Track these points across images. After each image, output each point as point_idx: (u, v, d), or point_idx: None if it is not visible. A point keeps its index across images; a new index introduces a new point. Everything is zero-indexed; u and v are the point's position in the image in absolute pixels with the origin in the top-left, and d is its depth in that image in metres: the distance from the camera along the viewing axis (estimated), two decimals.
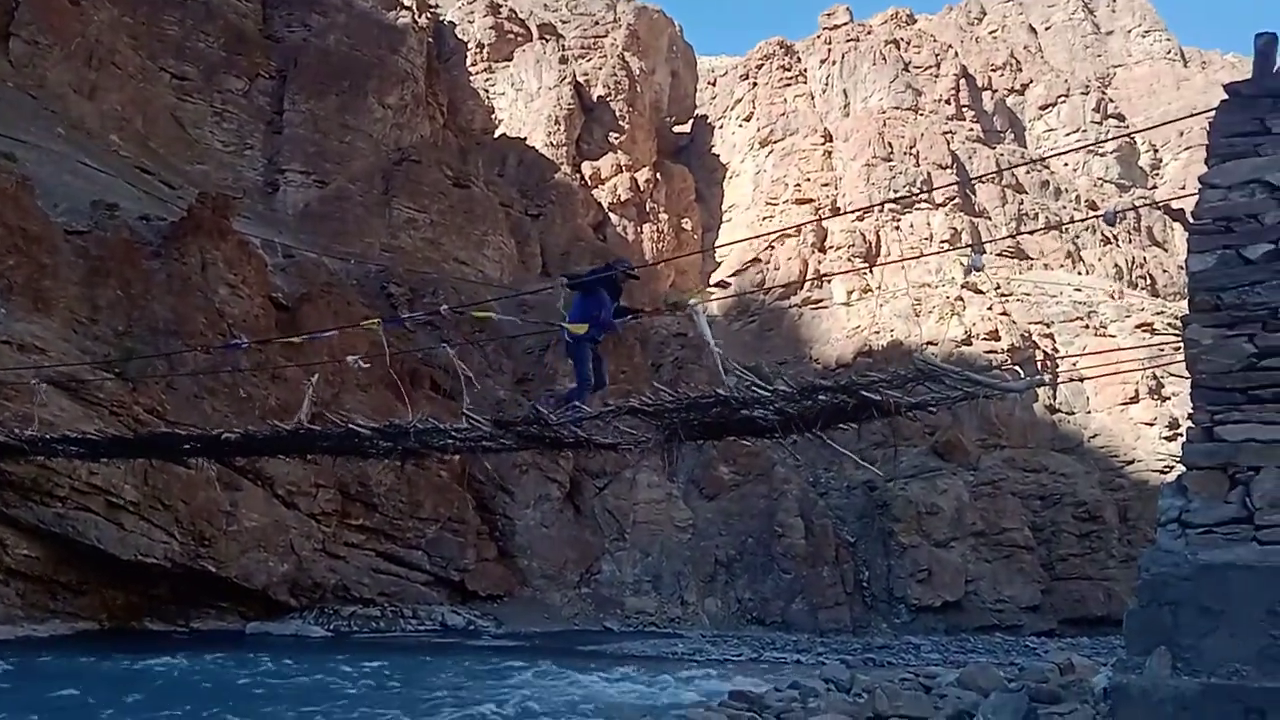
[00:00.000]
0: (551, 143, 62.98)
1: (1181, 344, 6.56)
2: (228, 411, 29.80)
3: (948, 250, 51.20)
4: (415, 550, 36.21)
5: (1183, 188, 55.09)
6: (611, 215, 63.11)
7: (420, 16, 62.68)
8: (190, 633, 29.43)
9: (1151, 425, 44.40)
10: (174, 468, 27.76)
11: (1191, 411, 6.38)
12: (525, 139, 63.28)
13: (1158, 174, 69.30)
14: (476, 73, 67.88)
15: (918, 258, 48.79)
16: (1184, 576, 5.97)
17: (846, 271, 51.13)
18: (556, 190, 60.52)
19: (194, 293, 33.15)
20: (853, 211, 53.17)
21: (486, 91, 67.46)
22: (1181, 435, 6.52)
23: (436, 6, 69.32)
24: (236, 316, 33.86)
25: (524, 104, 66.17)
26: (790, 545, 39.82)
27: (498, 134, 65.15)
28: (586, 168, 64.07)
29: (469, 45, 68.58)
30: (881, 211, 56.59)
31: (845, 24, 70.35)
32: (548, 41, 68.88)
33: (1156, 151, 69.93)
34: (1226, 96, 6.67)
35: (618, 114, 66.58)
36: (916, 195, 55.85)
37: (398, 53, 56.40)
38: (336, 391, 33.63)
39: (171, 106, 49.71)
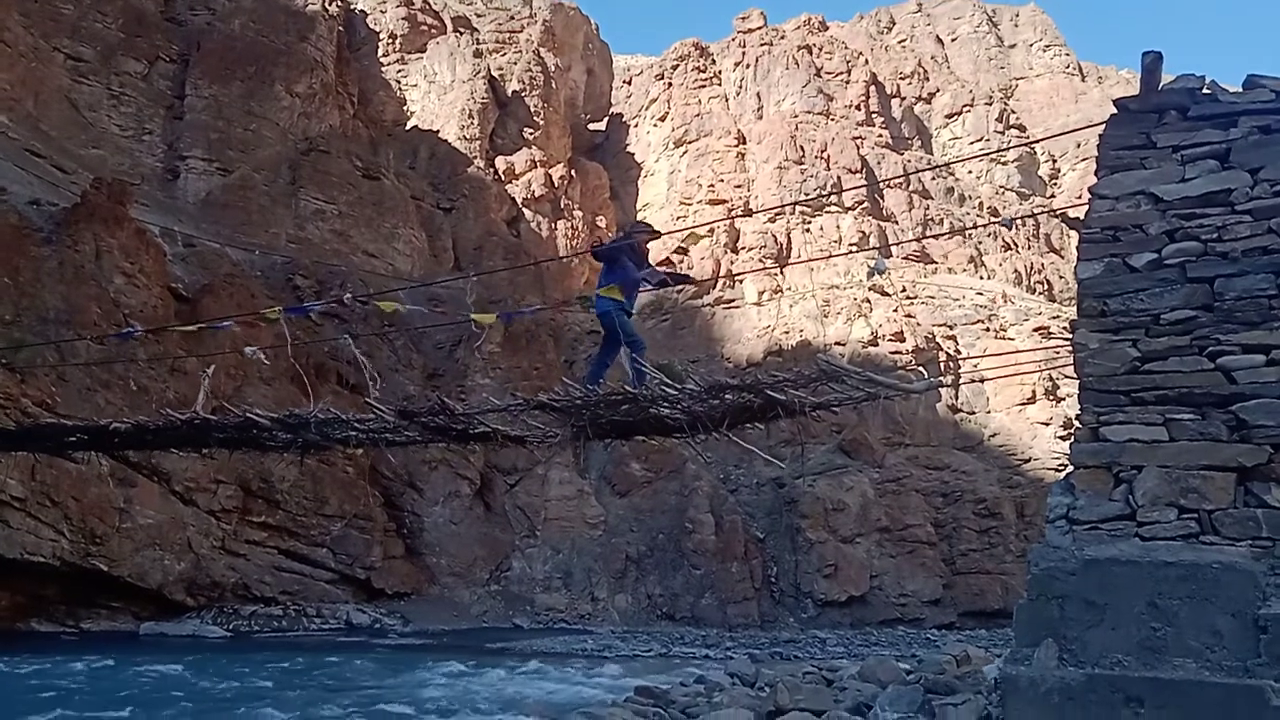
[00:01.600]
0: (465, 136, 62.25)
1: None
2: (122, 404, 28.73)
3: (856, 252, 52.25)
4: (319, 548, 35.49)
5: (1079, 197, 57.01)
6: (525, 211, 62.70)
7: (330, 4, 61.26)
8: (80, 634, 28.34)
9: (1047, 425, 45.99)
10: (64, 463, 26.77)
11: (1079, 412, 6.63)
12: (438, 132, 62.44)
13: (1056, 183, 71.82)
14: (388, 64, 66.68)
15: (826, 259, 49.66)
16: (1070, 571, 6.20)
17: (758, 271, 51.75)
18: (469, 184, 59.87)
19: (87, 281, 31.88)
20: (764, 212, 53.84)
21: (398, 83, 66.32)
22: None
23: None
24: (133, 306, 32.67)
25: (437, 97, 65.27)
26: (700, 541, 40.18)
27: (409, 126, 64.13)
28: (500, 163, 63.51)
29: (381, 35, 67.31)
30: (792, 213, 57.42)
31: (759, 28, 71.13)
32: (462, 34, 68.07)
33: (1055, 161, 72.48)
34: (1115, 111, 6.94)
35: (532, 109, 66.18)
36: (827, 198, 56.82)
37: (307, 40, 55.08)
38: (239, 385, 32.73)
39: (66, 88, 47.70)
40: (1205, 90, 6.73)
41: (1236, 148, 6.46)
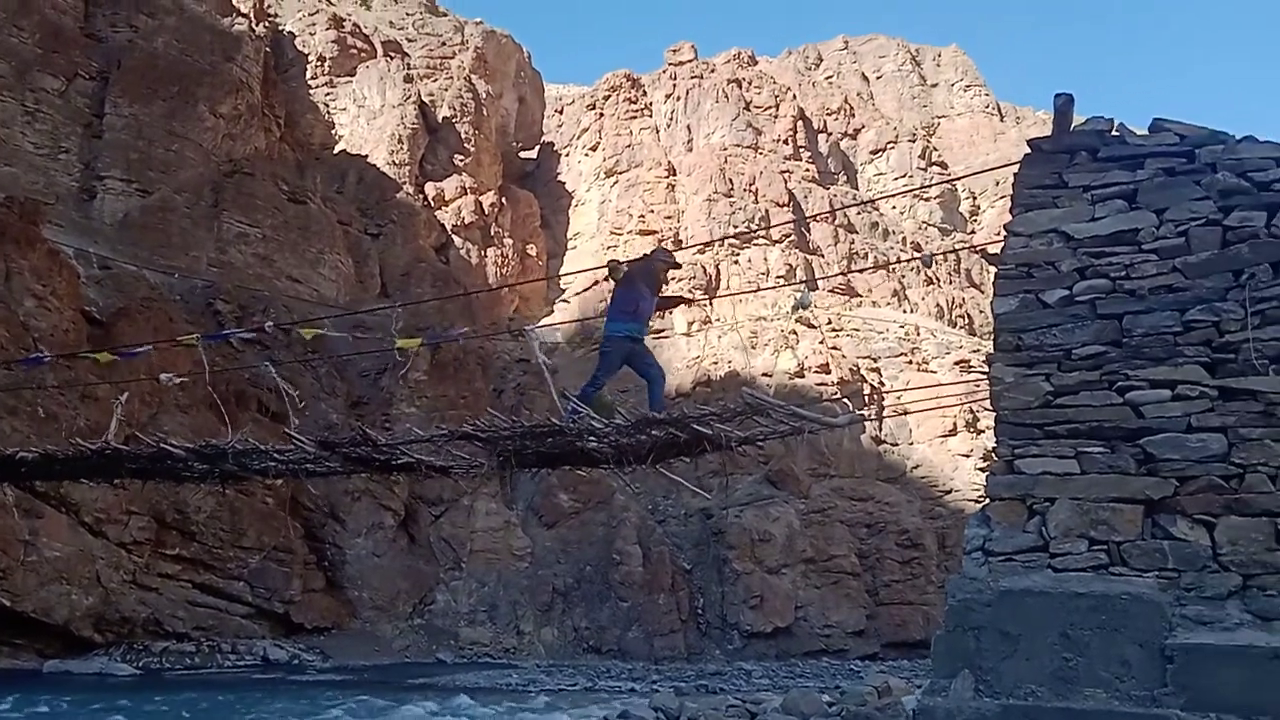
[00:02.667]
0: (394, 162, 61.70)
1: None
2: (29, 432, 27.66)
3: (783, 286, 52.92)
4: (236, 581, 34.47)
5: (998, 234, 58.72)
6: (455, 238, 62.30)
7: (258, 25, 60.51)
8: None
9: (968, 457, 46.89)
10: None
11: (995, 445, 6.75)
12: (366, 156, 61.80)
13: (976, 220, 73.74)
14: (317, 86, 65.90)
15: (755, 291, 50.15)
16: (986, 602, 6.28)
17: (688, 302, 52.03)
18: (398, 210, 59.28)
19: None
20: (694, 245, 54.27)
21: (327, 106, 65.56)
22: None
23: (276, 16, 67.03)
24: (44, 330, 31.59)
25: (366, 121, 64.67)
26: (628, 573, 39.98)
27: (337, 150, 63.37)
28: (430, 189, 63.06)
29: (310, 58, 66.57)
30: (722, 245, 57.98)
31: (690, 61, 72.03)
32: (393, 59, 67.66)
33: (975, 199, 74.46)
34: (1029, 151, 7.14)
35: (463, 136, 65.93)
36: (755, 231, 57.51)
37: (232, 60, 54.16)
38: (154, 412, 31.82)
39: None
40: (1114, 133, 6.96)
41: (1143, 189, 6.68)
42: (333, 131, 64.87)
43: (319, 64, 66.44)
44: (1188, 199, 6.55)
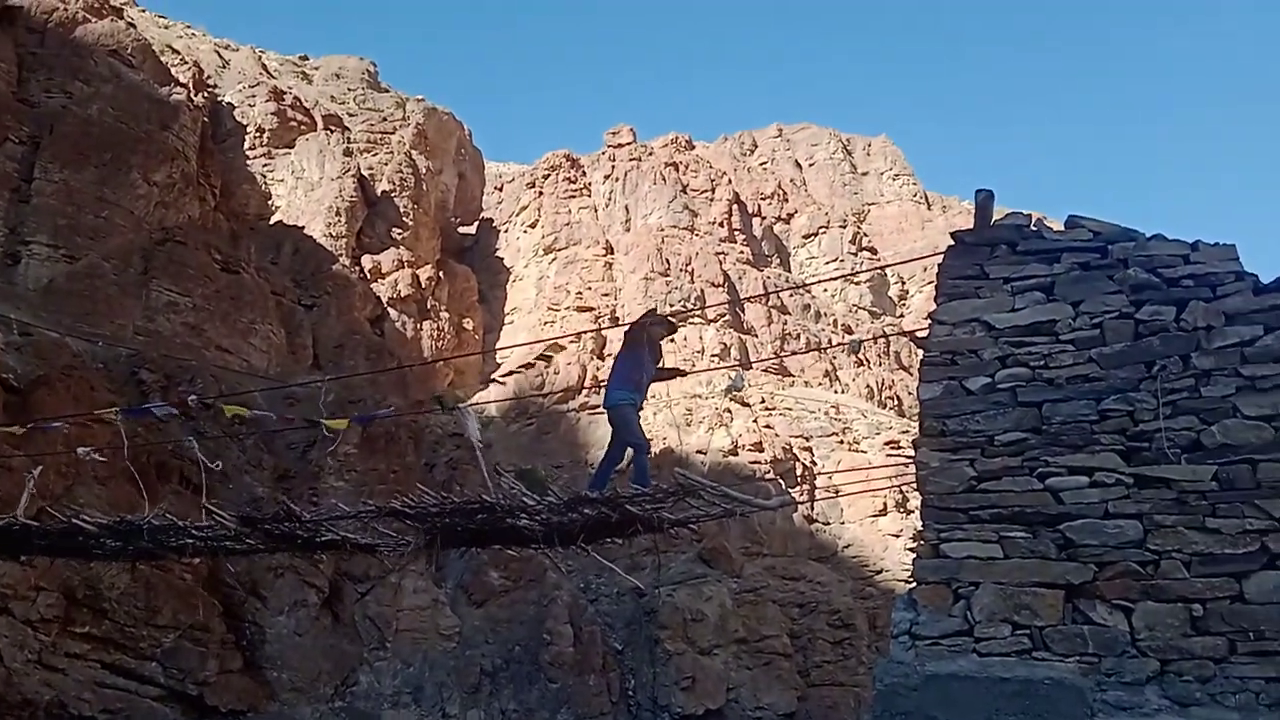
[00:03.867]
0: (331, 234, 61.37)
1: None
2: None
3: (718, 365, 53.44)
4: (149, 661, 32.98)
5: (926, 319, 60.09)
6: (391, 310, 61.87)
7: (197, 95, 60.29)
8: None
9: (898, 537, 47.21)
10: None
11: (922, 529, 6.86)
12: (303, 228, 61.39)
13: (905, 304, 75.56)
14: (255, 157, 65.60)
15: (690, 371, 50.47)
16: (913, 687, 6.32)
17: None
18: (333, 281, 58.75)
19: None
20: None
21: (264, 177, 65.17)
22: None
23: (215, 86, 66.92)
24: None
25: (304, 193, 64.39)
26: (558, 654, 39.23)
27: (274, 221, 62.89)
28: (367, 261, 62.75)
29: (248, 129, 66.35)
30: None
31: (629, 143, 73.40)
32: (333, 133, 67.74)
33: (904, 284, 76.39)
34: (952, 243, 7.42)
35: (402, 210, 65.98)
36: (691, 310, 58.17)
37: (169, 129, 53.71)
38: (70, 484, 30.65)
39: None
40: (1032, 227, 7.26)
41: (1060, 282, 6.96)
42: (269, 202, 64.41)
43: (258, 135, 66.22)
44: (1101, 292, 6.84)
